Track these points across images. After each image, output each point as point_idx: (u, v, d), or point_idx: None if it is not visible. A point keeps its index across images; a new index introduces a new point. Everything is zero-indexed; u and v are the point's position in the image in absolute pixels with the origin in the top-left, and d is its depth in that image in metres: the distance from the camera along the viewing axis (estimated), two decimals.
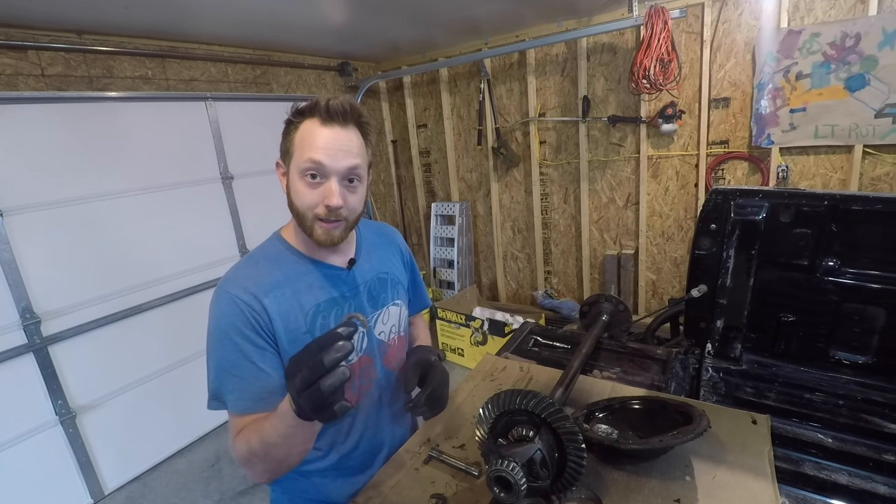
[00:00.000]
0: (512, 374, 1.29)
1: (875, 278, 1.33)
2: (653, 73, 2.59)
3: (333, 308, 0.91)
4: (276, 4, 2.31)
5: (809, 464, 1.09)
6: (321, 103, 0.81)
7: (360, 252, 1.00)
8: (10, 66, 2.23)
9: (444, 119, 3.99)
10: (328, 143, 0.81)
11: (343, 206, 0.83)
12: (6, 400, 2.08)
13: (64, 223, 2.22)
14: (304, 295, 0.88)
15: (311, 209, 0.83)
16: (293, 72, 3.60)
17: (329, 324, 0.89)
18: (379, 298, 1.00)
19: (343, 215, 0.84)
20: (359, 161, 0.84)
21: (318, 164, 0.80)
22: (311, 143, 0.81)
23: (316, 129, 0.81)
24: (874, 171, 2.54)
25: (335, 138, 0.81)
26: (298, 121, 0.84)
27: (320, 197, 0.82)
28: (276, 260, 0.89)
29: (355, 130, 0.85)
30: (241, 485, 2.43)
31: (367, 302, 0.97)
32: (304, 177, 0.82)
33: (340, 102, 0.82)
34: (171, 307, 2.64)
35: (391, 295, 1.03)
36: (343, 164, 0.82)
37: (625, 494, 0.83)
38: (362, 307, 0.95)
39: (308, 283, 0.89)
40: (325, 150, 0.80)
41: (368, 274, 0.99)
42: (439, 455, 0.97)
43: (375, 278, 1.00)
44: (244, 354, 0.80)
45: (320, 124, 0.81)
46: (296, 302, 0.86)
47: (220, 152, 2.85)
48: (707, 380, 1.44)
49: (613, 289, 3.49)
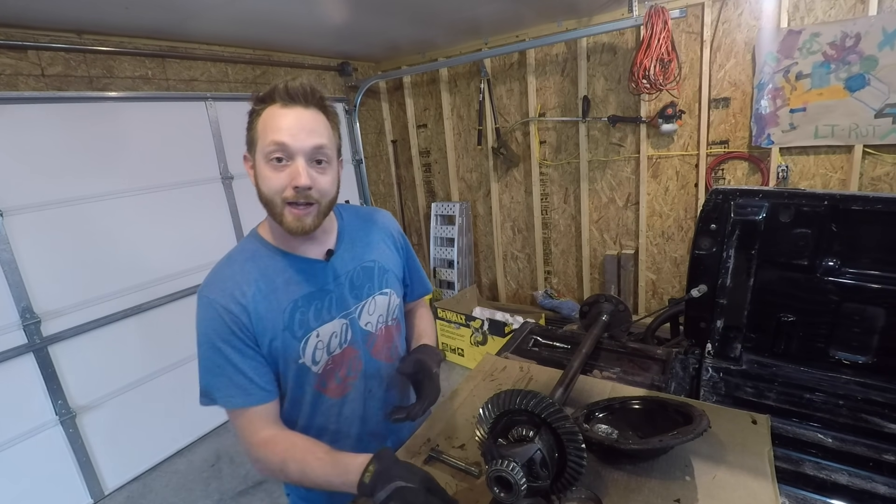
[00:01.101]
0: (512, 374, 1.29)
1: (875, 278, 1.33)
2: (653, 73, 2.59)
3: (312, 303, 0.90)
4: (276, 4, 2.31)
5: (809, 464, 1.09)
6: (279, 87, 0.80)
7: (342, 241, 0.97)
8: (10, 66, 2.23)
9: (444, 119, 3.99)
10: (290, 124, 0.79)
11: (312, 186, 0.80)
12: (6, 400, 2.08)
13: (64, 223, 2.22)
14: (282, 292, 0.87)
15: (278, 194, 0.81)
16: (293, 72, 3.60)
17: (308, 319, 0.88)
18: (363, 289, 0.97)
19: (314, 197, 0.82)
20: (324, 141, 0.82)
21: (282, 144, 0.78)
22: (273, 125, 0.79)
23: (277, 112, 0.80)
24: (874, 171, 2.54)
25: (298, 118, 0.80)
26: (260, 108, 0.82)
27: (287, 179, 0.80)
28: (253, 257, 0.89)
29: (318, 112, 0.83)
30: (241, 485, 2.43)
31: (349, 293, 0.95)
32: (269, 161, 0.80)
33: (300, 84, 0.81)
34: (171, 307, 2.64)
35: (378, 284, 1.00)
36: (307, 143, 0.80)
37: (625, 494, 0.83)
38: (343, 299, 0.94)
39: (285, 279, 0.88)
40: (287, 131, 0.79)
41: (350, 264, 0.96)
42: (439, 455, 0.97)
43: (359, 268, 0.98)
44: (225, 357, 0.83)
45: (281, 107, 0.80)
46: (274, 299, 0.86)
47: (220, 152, 2.85)
48: (707, 380, 1.44)
49: (613, 289, 3.49)
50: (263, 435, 0.84)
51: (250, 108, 0.84)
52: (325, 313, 0.91)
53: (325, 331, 0.91)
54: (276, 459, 0.81)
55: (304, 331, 0.88)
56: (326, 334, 0.91)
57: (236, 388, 0.83)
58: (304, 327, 0.88)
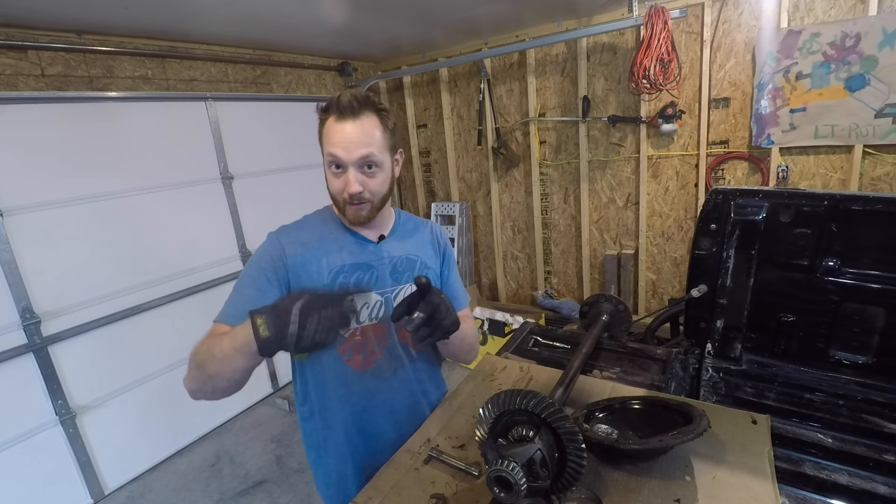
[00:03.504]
0: (512, 374, 1.29)
1: (875, 278, 1.33)
2: (653, 73, 2.59)
3: (355, 272, 1.01)
4: (276, 4, 2.31)
5: (809, 464, 1.10)
6: (333, 100, 0.92)
7: (394, 233, 1.10)
8: (10, 66, 2.23)
9: (444, 119, 3.99)
10: (342, 138, 0.91)
11: (363, 191, 0.94)
12: (6, 400, 2.08)
13: (64, 223, 2.22)
14: (335, 255, 1.00)
15: (339, 194, 0.96)
16: (293, 72, 3.60)
17: (348, 284, 1.00)
18: (403, 275, 1.07)
19: (366, 198, 0.95)
20: (372, 150, 0.92)
21: (336, 157, 0.92)
22: (329, 138, 0.93)
23: (332, 126, 0.92)
24: (874, 171, 2.54)
25: (347, 132, 0.91)
26: (323, 118, 0.95)
27: (343, 185, 0.94)
28: (322, 223, 1.05)
29: (370, 118, 0.93)
30: (241, 485, 2.43)
31: (389, 275, 1.05)
32: (329, 167, 0.95)
33: (348, 97, 0.91)
34: (172, 307, 2.64)
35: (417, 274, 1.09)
36: (356, 154, 0.91)
37: (625, 494, 0.83)
38: (383, 278, 1.04)
39: (340, 246, 1.02)
40: (339, 145, 0.91)
41: (397, 252, 1.07)
42: (439, 455, 0.97)
43: (404, 257, 1.08)
44: (253, 281, 0.95)
45: (336, 120, 0.92)
46: (325, 259, 0.99)
47: (220, 152, 2.85)
48: (707, 380, 1.44)
49: (613, 289, 3.49)
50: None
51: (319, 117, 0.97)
52: (364, 284, 1.03)
53: (360, 299, 1.01)
54: (196, 346, 0.86)
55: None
56: (360, 303, 1.01)
57: (234, 307, 0.92)
58: (342, 290, 0.99)
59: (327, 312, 0.74)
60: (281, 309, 0.74)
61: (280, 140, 3.20)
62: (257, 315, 0.75)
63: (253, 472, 2.52)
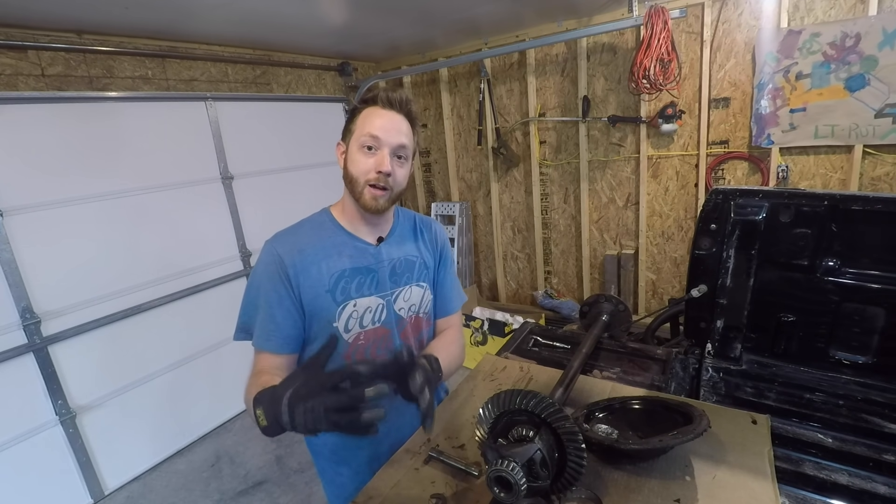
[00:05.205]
0: (512, 374, 1.29)
1: (875, 278, 1.33)
2: (653, 73, 2.59)
3: (356, 277, 1.03)
4: (276, 4, 2.31)
5: (809, 464, 1.09)
6: (382, 94, 1.00)
7: (393, 234, 1.12)
8: (10, 66, 2.23)
9: (444, 119, 3.99)
10: (384, 124, 0.98)
11: (392, 173, 0.98)
12: (6, 400, 2.08)
13: (64, 223, 2.22)
14: (334, 260, 1.02)
15: (364, 174, 0.99)
16: (293, 72, 3.60)
17: (349, 289, 1.02)
18: (403, 276, 1.10)
19: (390, 184, 0.99)
20: (407, 142, 1.01)
21: (375, 137, 0.97)
22: (370, 122, 0.98)
23: (376, 112, 0.99)
24: (874, 171, 2.54)
25: (390, 120, 0.99)
26: (363, 107, 1.02)
27: (374, 164, 0.98)
28: (320, 227, 1.06)
29: (406, 120, 1.02)
30: (241, 485, 2.44)
31: (389, 277, 1.07)
32: (362, 148, 0.98)
33: (399, 94, 1.01)
34: (172, 307, 2.64)
35: (416, 276, 1.12)
36: (395, 140, 0.98)
37: (625, 494, 0.83)
38: (383, 281, 1.06)
39: (339, 251, 1.03)
40: (381, 128, 0.98)
41: (396, 253, 1.10)
42: (439, 455, 0.97)
43: (403, 258, 1.10)
44: (265, 299, 0.98)
45: (381, 108, 0.99)
46: (325, 264, 1.01)
47: (220, 152, 2.85)
48: (707, 380, 1.44)
49: (613, 289, 3.49)
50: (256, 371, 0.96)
51: (353, 106, 1.05)
52: (365, 288, 1.04)
53: (362, 304, 1.03)
54: (245, 390, 0.89)
55: (343, 297, 1.02)
56: (362, 307, 1.03)
57: (262, 329, 0.98)
58: (344, 294, 1.02)
59: (315, 402, 0.68)
60: (276, 398, 0.72)
61: (280, 140, 3.20)
62: (257, 405, 0.74)
63: (253, 472, 2.52)
